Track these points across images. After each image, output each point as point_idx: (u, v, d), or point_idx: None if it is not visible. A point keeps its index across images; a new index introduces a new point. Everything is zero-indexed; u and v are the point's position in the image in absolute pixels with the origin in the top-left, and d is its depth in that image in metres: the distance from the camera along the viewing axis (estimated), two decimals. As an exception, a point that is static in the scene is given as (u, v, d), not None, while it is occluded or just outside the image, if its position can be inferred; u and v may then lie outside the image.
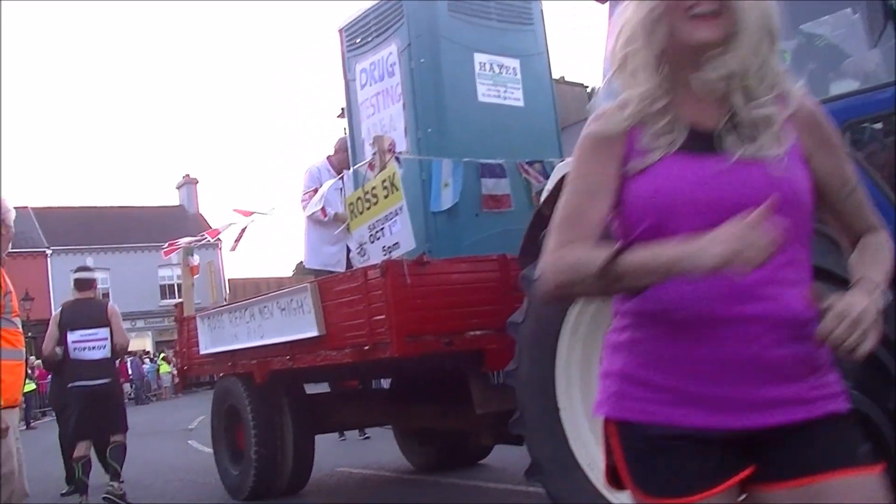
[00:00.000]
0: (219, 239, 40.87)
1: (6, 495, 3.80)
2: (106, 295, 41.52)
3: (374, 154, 5.58)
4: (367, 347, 5.50)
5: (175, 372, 35.22)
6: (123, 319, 8.04)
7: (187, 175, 47.27)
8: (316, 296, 5.95)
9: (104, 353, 7.60)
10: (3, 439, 3.84)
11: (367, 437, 11.04)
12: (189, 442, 14.10)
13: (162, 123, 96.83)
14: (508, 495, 6.88)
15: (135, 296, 41.03)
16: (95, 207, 45.02)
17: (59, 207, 43.80)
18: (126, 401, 26.82)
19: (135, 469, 9.02)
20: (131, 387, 33.32)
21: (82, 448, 7.49)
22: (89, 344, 7.53)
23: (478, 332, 5.57)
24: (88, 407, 7.43)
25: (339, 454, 9.83)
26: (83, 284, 8.01)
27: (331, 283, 5.98)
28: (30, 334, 34.07)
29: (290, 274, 43.81)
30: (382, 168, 5.49)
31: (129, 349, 38.85)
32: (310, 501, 7.47)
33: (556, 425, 4.46)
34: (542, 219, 4.49)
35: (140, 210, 45.84)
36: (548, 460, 4.50)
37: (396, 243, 5.37)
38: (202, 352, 7.87)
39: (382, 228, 5.46)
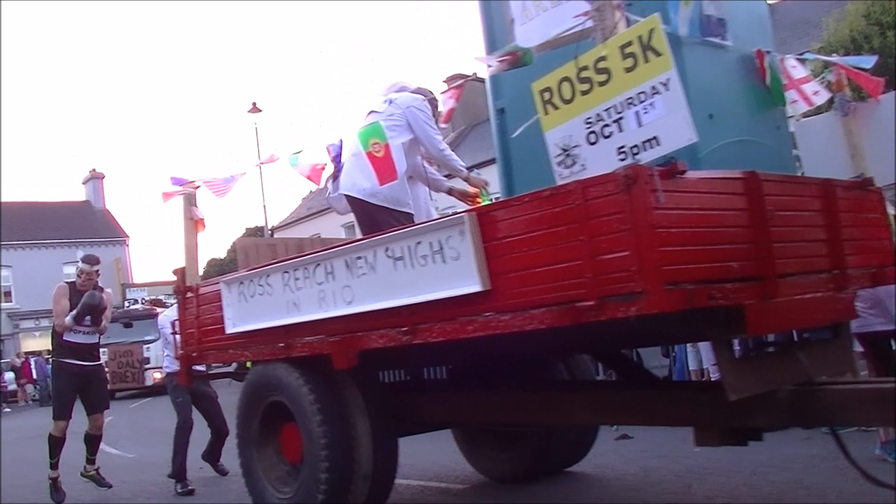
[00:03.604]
0: (126, 234, 36.99)
1: None
2: (8, 294, 37.91)
3: (593, 10, 3.42)
4: (588, 304, 3.34)
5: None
6: (25, 318, 7.64)
7: (93, 170, 43.34)
8: (476, 232, 3.75)
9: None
10: None
11: None
12: (98, 444, 12.23)
13: (66, 117, 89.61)
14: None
15: (39, 294, 36.89)
16: (-3, 202, 40.55)
17: (-42, 203, 39.20)
18: (30, 402, 23.99)
19: (40, 471, 7.56)
20: (35, 388, 29.59)
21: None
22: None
23: (736, 282, 3.53)
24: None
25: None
26: None
27: (500, 212, 3.78)
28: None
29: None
30: (612, 30, 3.35)
31: (34, 349, 35.03)
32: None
33: None
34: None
35: (44, 205, 41.60)
36: None
37: (652, 139, 3.24)
38: (229, 330, 5.47)
39: (619, 119, 3.31)
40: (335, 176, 5.11)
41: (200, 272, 6.64)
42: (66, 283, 7.61)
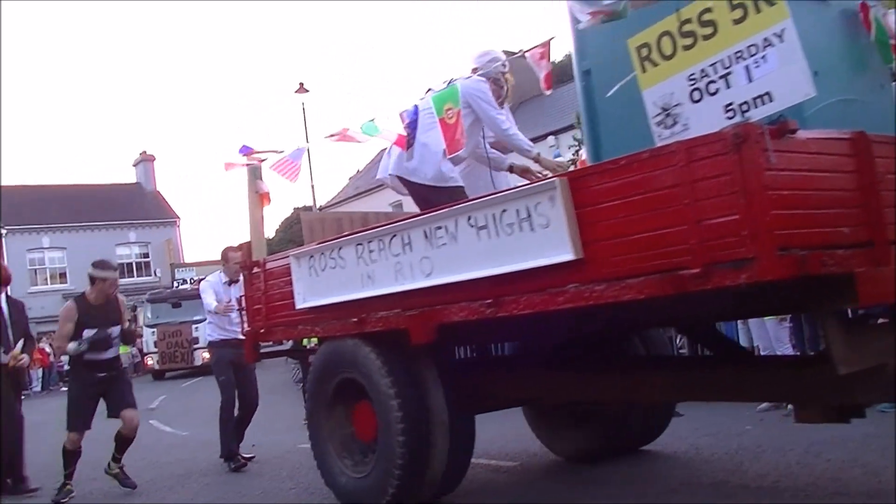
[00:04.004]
0: (177, 215, 36.72)
1: None
2: (63, 274, 38.52)
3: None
4: (693, 272, 3.16)
5: (135, 352, 32.11)
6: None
7: (144, 152, 43.54)
8: (568, 197, 3.57)
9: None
10: None
11: None
12: (150, 422, 12.79)
13: (117, 99, 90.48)
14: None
15: (93, 275, 37.49)
16: (50, 186, 41.02)
17: (12, 186, 39.54)
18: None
19: (96, 448, 7.26)
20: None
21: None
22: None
23: (847, 249, 3.30)
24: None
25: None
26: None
27: (594, 177, 3.59)
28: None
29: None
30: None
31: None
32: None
33: None
34: None
35: (96, 188, 41.96)
36: None
37: (765, 94, 3.04)
38: (300, 306, 5.37)
39: (727, 74, 3.11)
40: (408, 145, 4.98)
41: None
42: (75, 300, 6.85)
